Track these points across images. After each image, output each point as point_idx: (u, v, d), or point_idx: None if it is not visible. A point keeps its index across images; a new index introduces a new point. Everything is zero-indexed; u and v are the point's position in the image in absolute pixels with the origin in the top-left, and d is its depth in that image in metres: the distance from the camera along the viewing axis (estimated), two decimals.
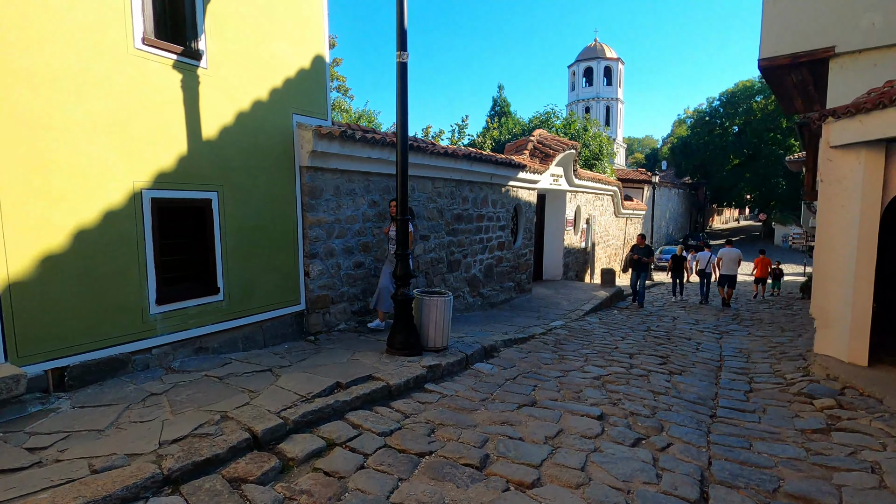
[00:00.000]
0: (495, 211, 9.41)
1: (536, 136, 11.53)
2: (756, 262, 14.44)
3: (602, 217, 16.50)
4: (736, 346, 7.29)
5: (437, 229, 7.73)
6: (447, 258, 8.05)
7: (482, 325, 7.22)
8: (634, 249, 10.92)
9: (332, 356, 4.75)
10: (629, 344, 6.87)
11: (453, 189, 8.08)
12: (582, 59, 39.09)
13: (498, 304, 9.59)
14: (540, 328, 7.48)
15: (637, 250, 10.85)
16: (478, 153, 8.30)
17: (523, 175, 10.02)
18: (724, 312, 11.38)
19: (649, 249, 10.91)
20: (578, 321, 8.65)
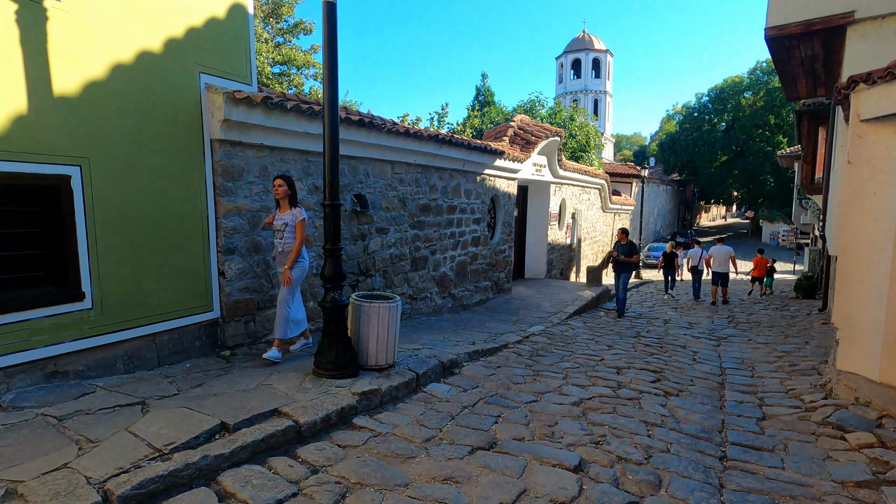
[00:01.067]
0: (469, 202, 8.41)
1: (517, 121, 10.55)
2: (755, 261, 14.22)
3: (589, 212, 15.62)
4: (736, 355, 6.40)
5: (398, 221, 6.71)
6: (411, 254, 7.04)
7: (448, 333, 6.23)
8: (618, 245, 9.35)
9: (240, 379, 3.72)
10: (616, 354, 5.93)
11: (418, 175, 7.06)
12: (570, 51, 38.21)
13: (472, 305, 8.61)
14: (515, 335, 6.51)
15: (619, 248, 9.25)
16: (447, 135, 7.29)
17: (501, 163, 9.04)
18: (718, 314, 10.56)
19: (633, 246, 9.29)
20: (560, 326, 7.71)
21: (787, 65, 7.57)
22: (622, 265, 9.18)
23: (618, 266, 9.25)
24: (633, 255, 9.22)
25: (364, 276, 6.12)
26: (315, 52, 26.11)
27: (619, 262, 9.18)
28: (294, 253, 4.21)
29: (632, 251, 9.19)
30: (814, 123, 11.42)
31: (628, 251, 9.16)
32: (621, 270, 9.21)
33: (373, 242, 6.26)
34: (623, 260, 9.12)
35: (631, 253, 9.15)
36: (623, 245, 9.24)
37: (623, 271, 9.19)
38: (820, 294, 14.45)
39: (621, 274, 9.23)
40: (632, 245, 9.27)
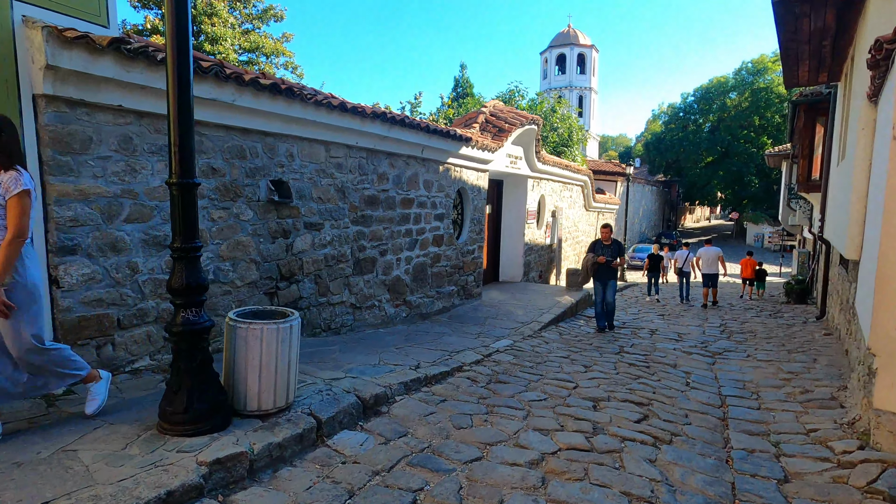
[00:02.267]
0: (430, 195, 7.29)
1: (490, 106, 9.47)
2: (742, 262, 14.24)
3: (570, 210, 14.62)
4: (736, 376, 5.39)
5: (335, 215, 5.57)
6: (353, 255, 5.89)
7: (391, 352, 5.10)
8: (598, 247, 7.58)
9: (43, 440, 2.54)
10: (595, 379, 4.86)
11: (363, 161, 5.92)
12: (555, 46, 37.33)
13: (432, 314, 7.49)
14: (475, 353, 5.41)
15: (602, 249, 7.50)
16: (398, 115, 6.16)
17: (469, 151, 7.94)
18: (709, 322, 9.62)
19: (619, 246, 7.64)
20: (532, 339, 6.64)
21: (793, 39, 6.60)
22: (608, 271, 7.52)
23: (603, 272, 7.53)
24: (621, 256, 7.68)
25: (287, 281, 4.96)
26: (287, 41, 24.85)
27: (605, 268, 7.49)
28: (3, 255, 2.37)
29: (619, 252, 7.60)
30: (811, 115, 10.55)
31: (615, 253, 7.53)
32: (608, 277, 7.54)
33: (300, 240, 5.10)
34: (615, 265, 7.54)
35: (618, 255, 7.58)
36: (607, 245, 7.57)
37: (609, 278, 7.55)
38: (812, 299, 13.69)
39: (608, 281, 7.52)
40: (618, 245, 7.64)
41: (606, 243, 7.60)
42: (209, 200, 4.13)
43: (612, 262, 7.50)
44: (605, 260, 7.45)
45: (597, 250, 7.58)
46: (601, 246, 7.61)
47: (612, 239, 7.62)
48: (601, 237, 7.69)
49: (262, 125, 4.50)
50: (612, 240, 7.63)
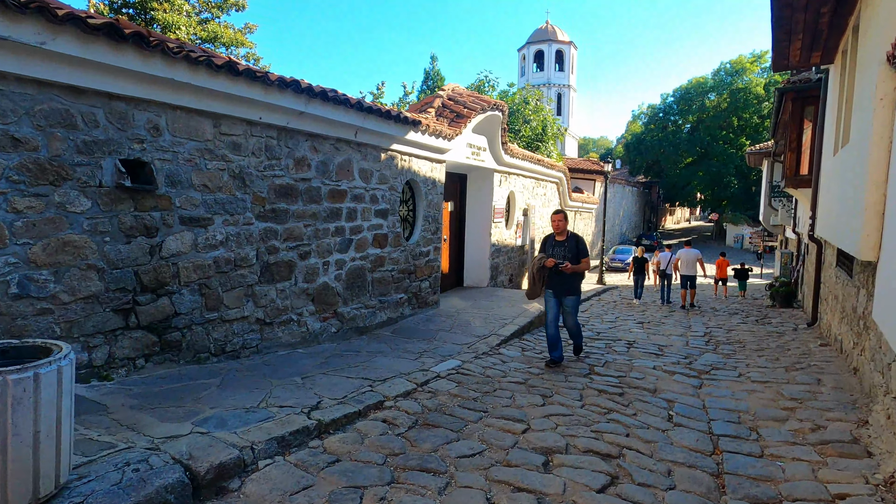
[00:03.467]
0: (368, 187, 6.17)
1: (448, 89, 8.39)
2: (717, 263, 14.56)
3: (545, 209, 13.64)
4: (728, 405, 4.38)
5: (230, 208, 4.41)
6: (260, 258, 4.74)
7: (292, 383, 3.95)
8: (550, 244, 5.36)
9: None
10: (552, 418, 3.78)
11: (271, 142, 4.77)
12: (532, 42, 36.52)
13: (373, 328, 6.36)
14: (407, 380, 4.29)
15: (555, 247, 5.28)
16: (319, 87, 5.03)
17: (419, 138, 6.84)
18: (692, 330, 8.69)
19: (579, 244, 5.30)
20: (488, 356, 5.56)
21: (788, 5, 5.67)
22: (564, 279, 5.18)
23: (556, 281, 5.21)
24: (584, 258, 5.29)
25: (152, 293, 3.78)
26: (250, 32, 23.53)
27: (559, 275, 5.17)
28: None
29: (578, 252, 5.24)
30: (799, 105, 9.73)
31: (572, 252, 5.20)
32: (563, 288, 5.21)
33: (174, 240, 3.92)
34: (569, 270, 5.10)
35: (578, 256, 5.24)
36: (561, 241, 5.28)
37: (566, 289, 5.22)
38: (798, 302, 12.95)
39: (565, 294, 5.23)
40: (577, 242, 5.30)
41: (560, 238, 5.28)
42: (9, 183, 2.95)
43: (563, 265, 5.06)
44: (555, 264, 5.07)
45: (546, 248, 5.34)
46: (552, 243, 5.32)
47: (570, 233, 5.34)
48: (553, 229, 5.36)
49: (103, 84, 3.33)
50: (570, 234, 5.32)
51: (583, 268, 5.32)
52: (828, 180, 7.50)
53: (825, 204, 7.70)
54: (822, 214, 7.94)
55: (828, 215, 7.19)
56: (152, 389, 3.37)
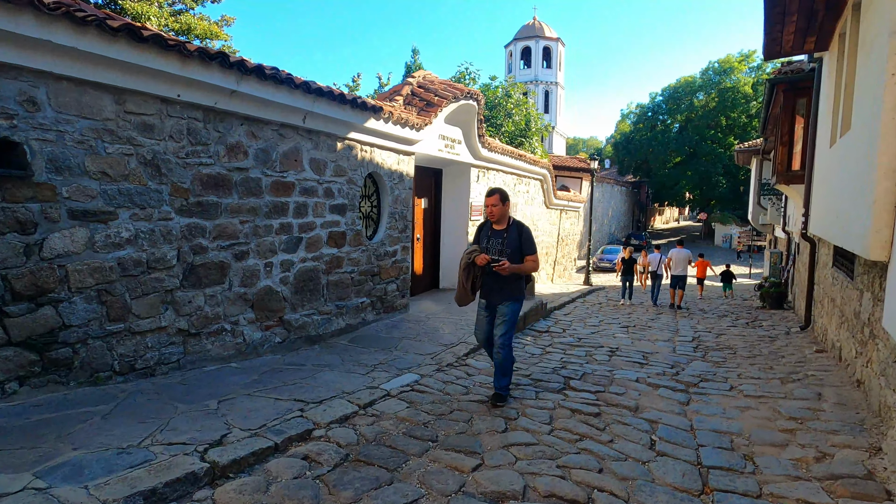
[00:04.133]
0: (321, 179, 5.54)
1: (418, 76, 7.77)
2: (696, 263, 14.47)
3: (528, 207, 13.08)
4: (719, 425, 3.82)
5: (141, 200, 3.75)
6: (183, 259, 4.08)
7: (200, 409, 3.31)
8: (485, 235, 4.03)
9: None
10: (511, 448, 3.18)
11: (196, 125, 4.12)
12: (519, 39, 36.03)
13: (329, 336, 5.72)
14: (349, 401, 3.67)
15: (490, 238, 3.96)
16: (254, 64, 4.38)
17: (382, 126, 6.22)
18: (680, 335, 8.17)
19: (522, 235, 3.94)
20: (452, 369, 4.95)
21: None
22: (502, 283, 3.90)
23: (491, 283, 3.93)
24: (529, 255, 3.92)
25: (30, 302, 3.12)
26: (227, 25, 22.76)
27: (494, 278, 3.88)
28: None
29: (521, 247, 3.90)
30: (791, 97, 9.26)
31: (515, 248, 3.88)
32: (500, 294, 3.93)
33: (60, 238, 3.26)
34: (506, 270, 3.73)
35: (521, 251, 3.90)
36: (499, 230, 3.95)
37: (502, 294, 3.93)
38: (789, 303, 12.52)
39: (500, 301, 3.94)
40: (520, 233, 3.93)
41: (498, 227, 3.95)
42: None
43: (500, 263, 3.70)
44: (490, 261, 3.75)
45: (480, 240, 4.00)
46: (487, 233, 3.98)
47: (511, 220, 3.98)
48: (488, 214, 4.01)
49: None
50: (511, 221, 3.98)
51: (527, 268, 3.90)
52: (823, 175, 7.01)
53: (820, 200, 7.20)
54: (817, 211, 7.45)
55: (823, 212, 6.68)
56: (13, 423, 2.72)
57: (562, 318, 9.20)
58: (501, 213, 3.96)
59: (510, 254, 3.87)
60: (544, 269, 15.19)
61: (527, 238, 3.97)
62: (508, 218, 4.03)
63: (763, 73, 37.29)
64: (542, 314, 8.70)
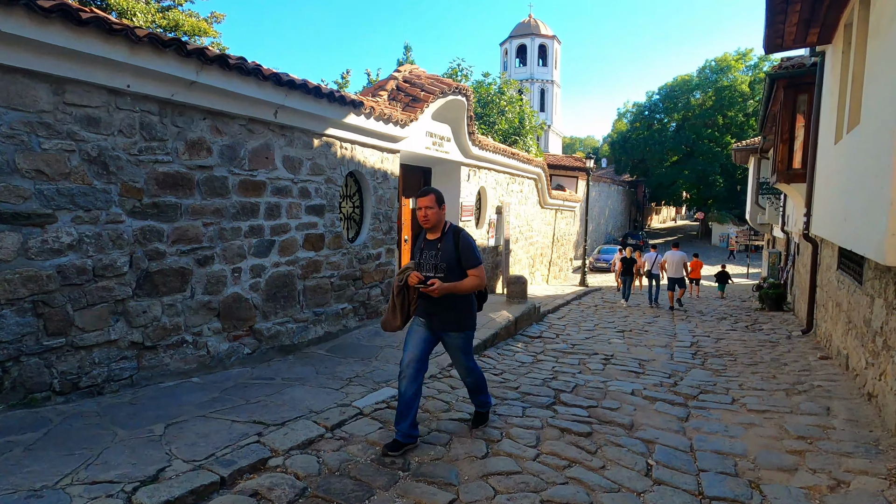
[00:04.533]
0: (297, 178, 5.19)
1: (404, 71, 7.43)
2: (691, 264, 14.58)
3: (522, 207, 12.76)
4: (722, 445, 3.49)
5: (86, 202, 3.40)
6: (137, 266, 3.74)
7: (144, 435, 2.96)
8: (419, 247, 3.30)
9: None
10: (492, 479, 2.85)
11: (151, 119, 3.78)
12: (515, 36, 35.69)
13: (304, 345, 5.37)
14: (316, 422, 3.33)
15: (423, 251, 3.22)
16: (216, 53, 4.04)
17: (363, 122, 5.88)
18: (678, 339, 7.86)
19: (458, 244, 3.10)
20: (434, 382, 4.61)
21: None
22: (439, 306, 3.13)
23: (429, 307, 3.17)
24: (470, 269, 3.10)
25: None
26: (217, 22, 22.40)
27: (432, 300, 3.10)
28: None
29: (461, 261, 3.11)
30: (792, 93, 8.95)
31: (450, 261, 3.11)
32: (441, 319, 3.18)
33: None
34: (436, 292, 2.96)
35: (460, 266, 3.11)
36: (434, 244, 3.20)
37: (445, 322, 3.19)
38: (788, 305, 12.24)
39: (444, 328, 3.21)
40: (458, 243, 3.13)
41: (432, 237, 3.21)
42: None
43: (428, 284, 2.96)
44: (421, 280, 3.03)
45: (414, 254, 3.32)
46: (422, 244, 3.28)
47: (450, 226, 3.21)
48: (420, 222, 3.20)
49: None
50: (449, 228, 3.20)
51: (466, 286, 3.05)
52: (827, 173, 6.70)
53: (823, 199, 6.90)
54: (820, 211, 7.14)
55: (828, 212, 6.37)
56: None
57: (555, 322, 8.88)
58: (437, 218, 3.14)
59: (446, 269, 3.10)
60: (539, 271, 14.88)
61: (466, 248, 3.12)
62: (445, 224, 3.22)
63: (760, 71, 37.10)
64: (535, 318, 8.38)
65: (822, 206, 6.99)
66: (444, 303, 3.14)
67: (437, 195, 3.17)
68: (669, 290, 11.80)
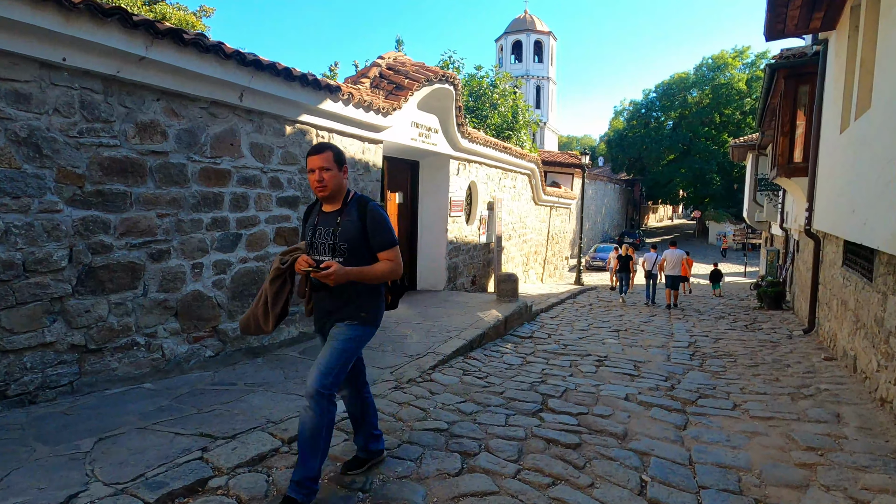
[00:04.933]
0: (266, 168, 4.83)
1: (388, 58, 7.06)
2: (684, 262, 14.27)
3: (515, 203, 12.42)
4: (724, 458, 3.16)
5: (13, 188, 3.04)
6: (77, 261, 3.37)
7: (82, 446, 2.61)
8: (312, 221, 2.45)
9: None
10: (466, 500, 2.50)
11: (94, 97, 3.41)
12: (510, 32, 35.33)
13: (275, 346, 5.02)
14: (270, 434, 2.97)
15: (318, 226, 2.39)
16: (174, 27, 3.68)
17: (342, 109, 5.52)
18: (674, 339, 7.55)
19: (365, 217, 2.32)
20: (413, 386, 4.27)
21: None
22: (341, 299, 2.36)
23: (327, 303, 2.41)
24: (382, 251, 2.34)
25: None
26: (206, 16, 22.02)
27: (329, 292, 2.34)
28: None
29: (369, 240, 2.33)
30: (793, 83, 8.64)
31: (353, 238, 2.31)
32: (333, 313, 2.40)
33: None
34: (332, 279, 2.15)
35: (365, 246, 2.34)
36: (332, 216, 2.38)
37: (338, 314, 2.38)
38: (788, 303, 11.95)
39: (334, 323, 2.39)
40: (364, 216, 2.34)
41: (330, 209, 2.41)
42: None
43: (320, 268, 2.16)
44: (310, 265, 2.19)
45: (306, 231, 2.50)
46: (315, 217, 2.46)
47: (355, 196, 2.43)
48: (312, 188, 2.37)
49: None
50: (354, 198, 2.42)
51: (375, 273, 2.30)
52: (831, 165, 6.39)
53: (827, 192, 6.59)
54: (823, 205, 6.84)
55: (833, 205, 6.06)
56: None
57: (548, 321, 8.55)
58: (336, 184, 2.33)
59: (348, 250, 2.30)
60: (533, 269, 14.55)
61: (376, 222, 2.33)
62: (348, 193, 2.42)
63: (757, 69, 36.86)
64: (527, 317, 8.05)
65: (825, 200, 6.67)
66: (346, 296, 2.35)
67: (335, 152, 2.35)
68: (667, 288, 11.86)
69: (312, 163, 2.33)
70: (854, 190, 4.76)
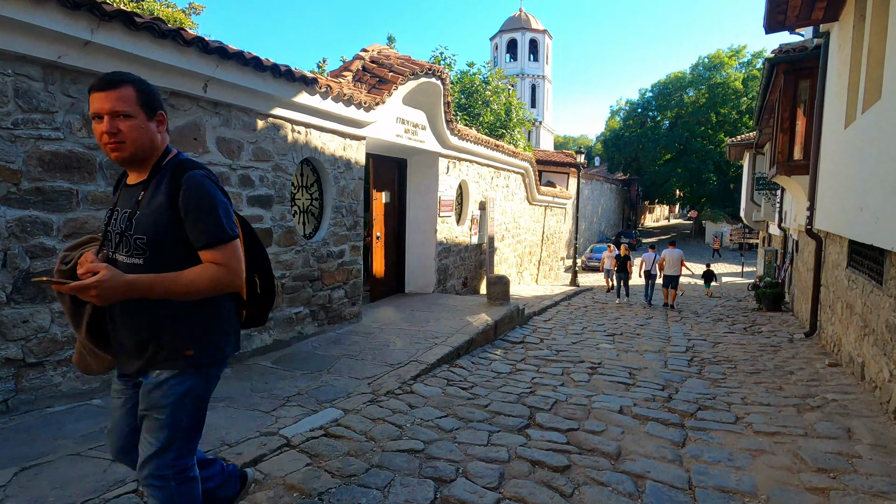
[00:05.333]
0: (235, 164, 4.51)
1: (372, 50, 6.74)
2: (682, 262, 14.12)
3: (508, 202, 12.12)
4: (727, 481, 2.86)
5: None
6: (12, 266, 3.05)
7: None
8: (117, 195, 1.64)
9: None
10: None
11: (31, 85, 3.09)
12: (505, 31, 35.05)
13: (247, 356, 4.69)
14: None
15: (118, 204, 1.60)
16: (124, 10, 3.36)
17: (320, 103, 5.20)
18: (671, 343, 7.26)
19: (176, 191, 1.51)
20: (391, 399, 3.95)
21: None
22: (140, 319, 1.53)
23: (121, 327, 1.56)
24: (204, 248, 1.50)
25: None
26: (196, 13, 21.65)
27: (121, 309, 1.53)
28: None
29: (185, 229, 1.52)
30: (792, 79, 8.38)
31: (162, 226, 1.52)
32: (151, 344, 1.55)
33: None
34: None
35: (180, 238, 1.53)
36: (138, 190, 1.57)
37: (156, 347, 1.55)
38: (786, 304, 11.69)
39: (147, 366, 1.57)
40: (178, 189, 1.51)
41: (134, 180, 1.61)
42: None
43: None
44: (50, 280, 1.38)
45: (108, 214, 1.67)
46: (116, 198, 1.65)
47: (176, 160, 1.60)
48: (101, 142, 1.54)
49: None
50: (174, 162, 1.59)
51: (190, 282, 1.49)
52: (835, 161, 6.11)
53: (830, 190, 6.31)
54: (825, 203, 6.56)
55: (837, 204, 5.78)
56: None
57: (541, 325, 8.25)
58: (141, 139, 1.54)
59: (148, 246, 1.53)
60: (527, 270, 14.26)
61: (194, 202, 1.52)
62: (165, 155, 1.61)
63: (753, 68, 36.71)
64: (519, 321, 7.75)
65: (828, 198, 6.40)
66: (151, 323, 1.54)
67: (140, 90, 1.53)
68: (664, 288, 11.79)
69: (97, 104, 1.48)
70: (862, 187, 4.48)
